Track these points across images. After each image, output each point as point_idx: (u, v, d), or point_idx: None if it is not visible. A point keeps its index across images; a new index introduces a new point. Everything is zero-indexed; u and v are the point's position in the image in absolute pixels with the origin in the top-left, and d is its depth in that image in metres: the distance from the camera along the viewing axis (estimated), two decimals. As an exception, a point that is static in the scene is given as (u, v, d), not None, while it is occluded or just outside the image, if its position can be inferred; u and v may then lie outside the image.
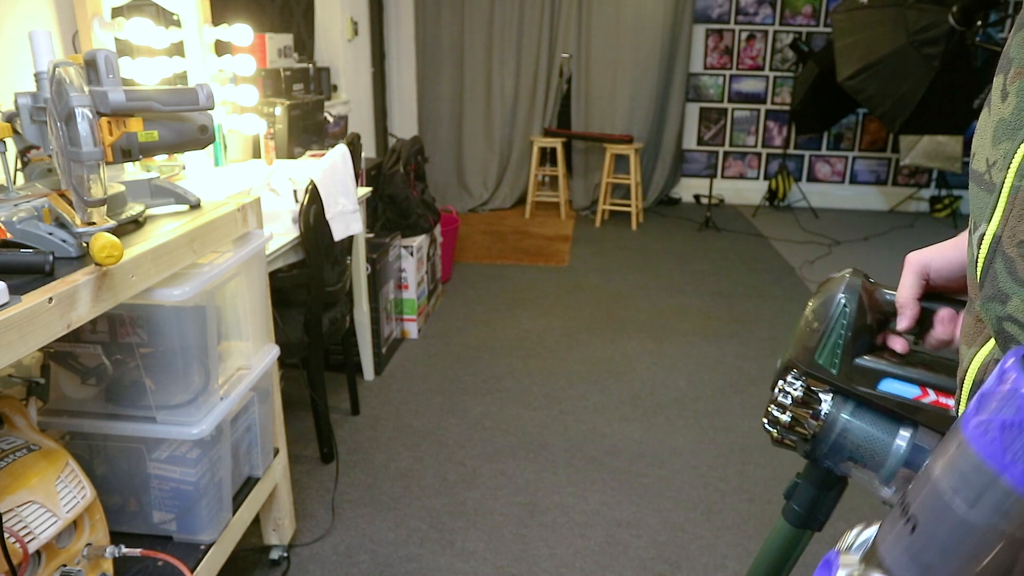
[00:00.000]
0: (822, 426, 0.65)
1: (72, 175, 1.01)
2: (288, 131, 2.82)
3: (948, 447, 0.37)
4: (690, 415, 2.64)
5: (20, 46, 1.74)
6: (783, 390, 0.66)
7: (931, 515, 0.37)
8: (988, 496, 0.34)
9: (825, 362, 0.64)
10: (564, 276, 4.23)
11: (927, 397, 0.62)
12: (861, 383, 0.64)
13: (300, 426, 2.51)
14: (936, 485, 0.36)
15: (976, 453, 0.34)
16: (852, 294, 0.65)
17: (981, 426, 0.35)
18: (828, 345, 0.64)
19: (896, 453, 0.62)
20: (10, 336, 0.86)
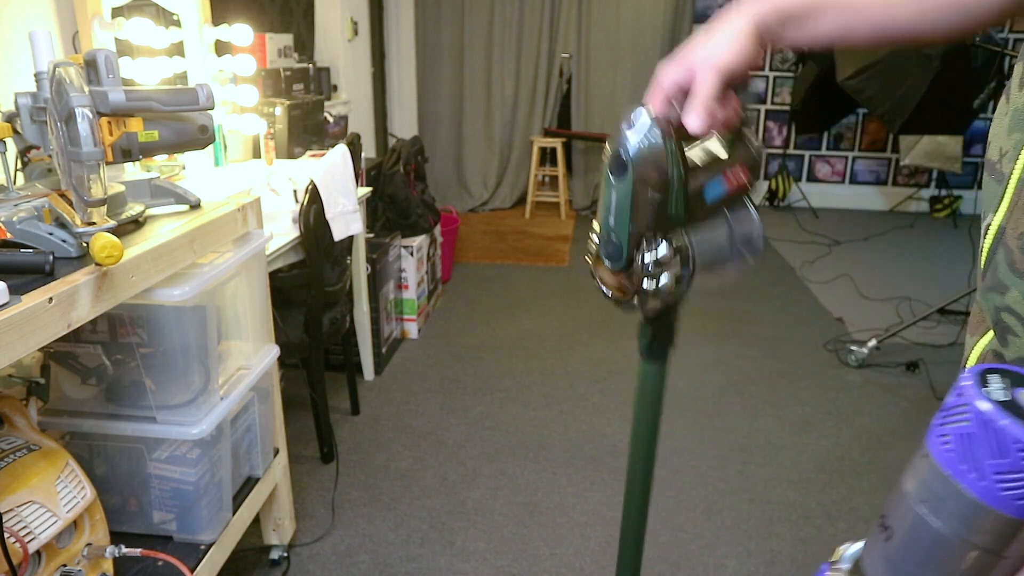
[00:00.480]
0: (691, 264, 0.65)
1: (72, 175, 1.01)
2: (288, 131, 2.82)
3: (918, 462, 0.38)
4: (690, 415, 2.64)
5: (20, 46, 1.74)
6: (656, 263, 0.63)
7: (904, 525, 0.38)
8: (950, 504, 0.35)
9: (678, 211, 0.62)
10: (564, 276, 4.23)
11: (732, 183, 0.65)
12: (699, 207, 0.64)
13: (300, 426, 2.51)
14: (906, 496, 0.38)
15: (937, 463, 0.36)
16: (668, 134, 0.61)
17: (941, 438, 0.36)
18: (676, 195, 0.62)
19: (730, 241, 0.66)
20: (10, 336, 0.86)
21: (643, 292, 0.65)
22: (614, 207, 0.63)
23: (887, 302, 3.80)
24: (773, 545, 1.96)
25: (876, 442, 2.48)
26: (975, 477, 0.34)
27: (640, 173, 0.60)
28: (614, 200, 0.63)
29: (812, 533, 2.01)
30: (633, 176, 0.61)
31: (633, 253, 0.64)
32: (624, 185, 0.61)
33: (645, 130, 0.61)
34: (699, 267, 0.65)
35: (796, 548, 1.95)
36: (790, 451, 2.41)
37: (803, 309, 3.72)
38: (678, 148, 0.60)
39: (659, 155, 0.60)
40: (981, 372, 0.37)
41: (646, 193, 0.61)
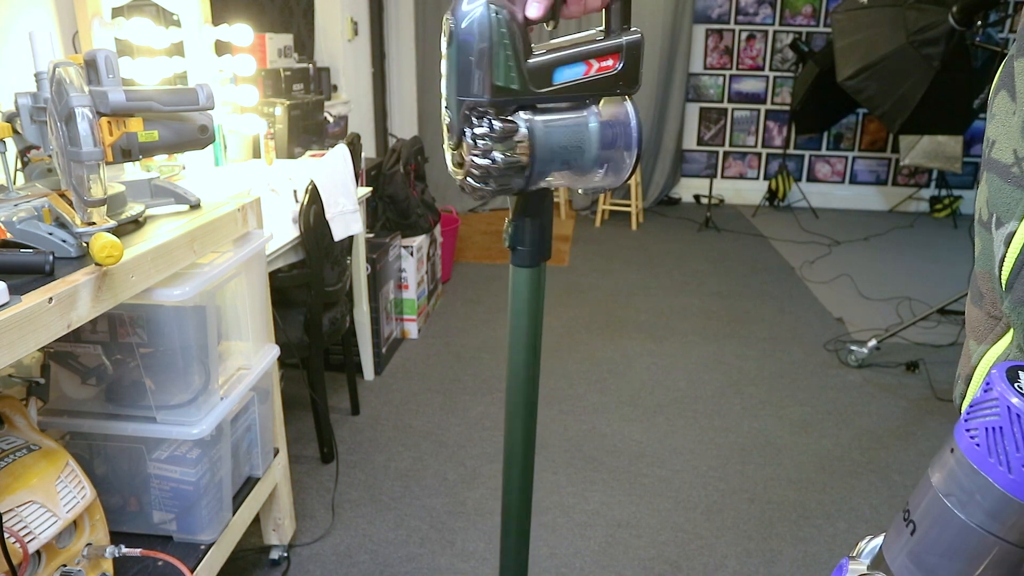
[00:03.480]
0: (531, 148, 0.62)
1: (72, 175, 1.01)
2: (288, 131, 2.82)
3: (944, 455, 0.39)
4: (690, 415, 2.64)
5: (20, 46, 1.74)
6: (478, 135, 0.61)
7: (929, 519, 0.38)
8: (978, 498, 0.36)
9: (506, 81, 0.60)
10: (564, 276, 4.23)
11: (592, 69, 0.63)
12: (541, 85, 0.61)
13: (300, 426, 2.51)
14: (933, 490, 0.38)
15: (965, 457, 0.36)
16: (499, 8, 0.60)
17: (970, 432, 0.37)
18: (502, 64, 0.60)
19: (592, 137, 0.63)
20: (10, 336, 0.86)
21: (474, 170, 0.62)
22: (445, 77, 0.62)
23: (887, 302, 3.80)
24: (773, 545, 1.96)
25: (876, 442, 2.48)
26: (1004, 471, 0.35)
27: (464, 41, 0.59)
28: (444, 69, 0.62)
29: (812, 533, 2.01)
30: (457, 42, 0.60)
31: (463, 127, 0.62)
32: (451, 51, 0.60)
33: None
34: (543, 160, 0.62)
35: (796, 548, 1.95)
36: (790, 451, 2.41)
37: (803, 309, 3.72)
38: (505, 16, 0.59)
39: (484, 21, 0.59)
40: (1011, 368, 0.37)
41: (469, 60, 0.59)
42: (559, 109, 0.63)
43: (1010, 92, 0.47)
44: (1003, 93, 0.48)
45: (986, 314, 0.51)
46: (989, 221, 0.48)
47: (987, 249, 0.49)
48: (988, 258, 0.49)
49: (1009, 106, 0.47)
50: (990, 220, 0.48)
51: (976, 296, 0.53)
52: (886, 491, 2.21)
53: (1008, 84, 0.47)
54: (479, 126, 0.61)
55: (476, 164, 0.62)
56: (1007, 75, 0.48)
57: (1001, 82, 0.49)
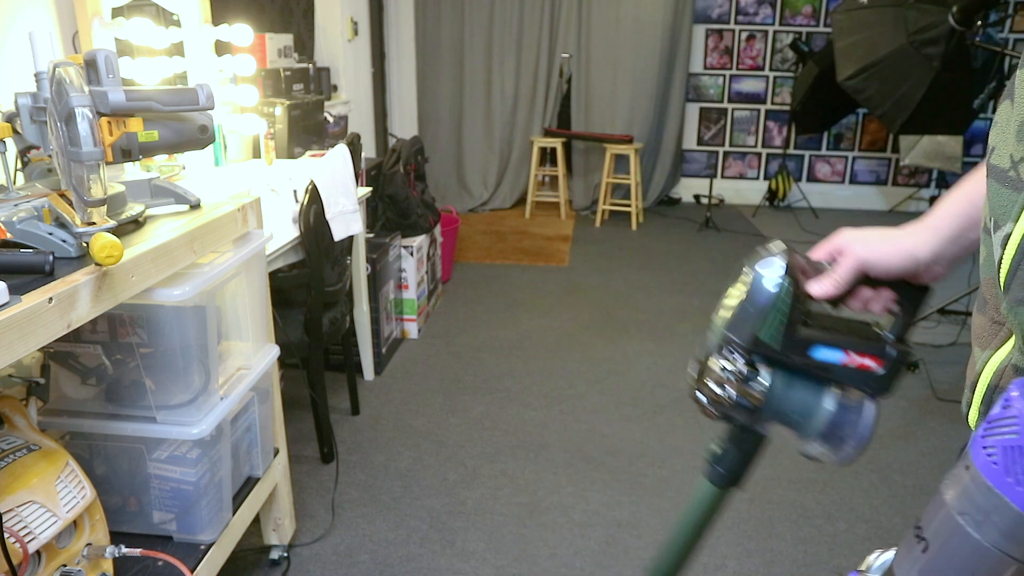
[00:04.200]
0: (763, 398, 0.66)
1: (72, 175, 1.01)
2: (288, 131, 2.82)
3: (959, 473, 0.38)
4: (690, 415, 2.64)
5: (20, 46, 1.74)
6: (723, 367, 0.67)
7: (942, 537, 0.37)
8: (993, 517, 0.35)
9: (768, 338, 0.66)
10: (564, 276, 4.23)
11: (851, 360, 0.66)
12: (796, 352, 0.66)
13: (300, 426, 2.51)
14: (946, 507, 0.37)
15: (982, 475, 0.36)
16: (792, 274, 0.66)
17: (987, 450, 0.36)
18: (770, 323, 0.65)
19: (824, 414, 0.66)
20: (10, 336, 0.86)
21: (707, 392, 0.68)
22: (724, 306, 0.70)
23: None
24: (773, 545, 1.96)
25: (876, 442, 2.48)
26: (1021, 491, 0.34)
27: (752, 292, 0.67)
28: (725, 299, 0.70)
29: (812, 533, 2.01)
30: (747, 287, 0.67)
31: (716, 351, 0.68)
32: (737, 291, 0.68)
33: (775, 255, 0.67)
34: (770, 412, 0.67)
35: (796, 548, 1.95)
36: (790, 451, 2.41)
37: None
38: (792, 287, 0.65)
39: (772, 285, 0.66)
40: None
41: (747, 307, 0.66)
42: (804, 376, 0.68)
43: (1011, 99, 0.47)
44: (1007, 102, 0.48)
45: (989, 320, 0.51)
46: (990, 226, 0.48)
47: (989, 255, 0.49)
48: (990, 264, 0.49)
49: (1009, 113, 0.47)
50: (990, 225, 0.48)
51: (981, 303, 0.53)
52: (886, 491, 2.21)
53: (1011, 92, 0.48)
54: (727, 360, 0.67)
55: (711, 389, 0.68)
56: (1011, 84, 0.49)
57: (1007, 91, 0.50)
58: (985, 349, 0.52)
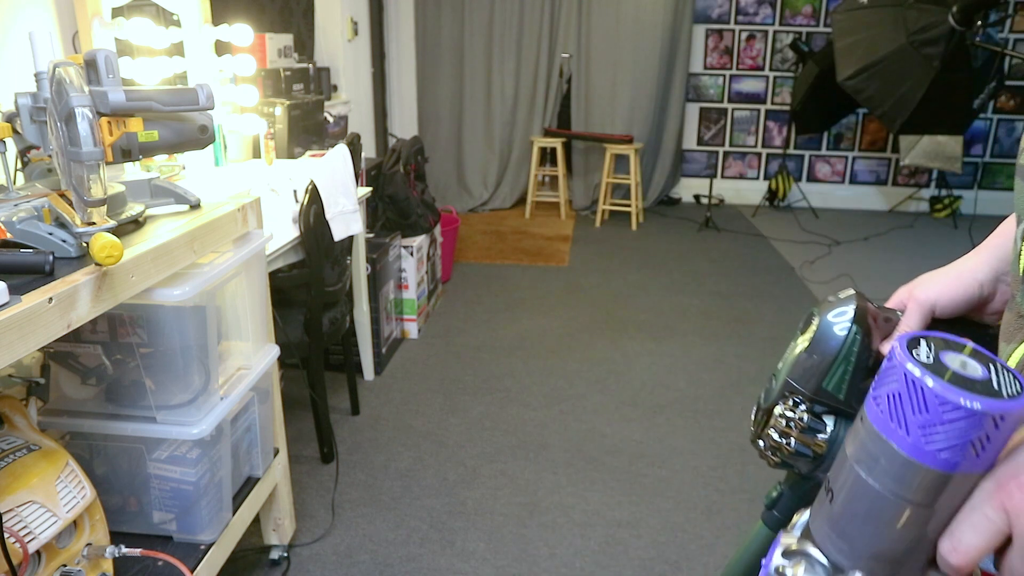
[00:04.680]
0: (826, 448, 0.66)
1: (72, 175, 1.01)
2: (288, 131, 2.82)
3: (856, 426, 0.40)
4: (690, 415, 2.64)
5: (20, 46, 1.74)
6: (785, 416, 0.66)
7: (845, 487, 0.40)
8: (883, 462, 0.38)
9: (833, 389, 0.65)
10: (564, 276, 4.23)
11: None
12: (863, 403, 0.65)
13: (300, 426, 2.51)
14: (846, 459, 0.40)
15: (871, 424, 0.38)
16: (861, 324, 0.65)
17: (875, 399, 0.38)
18: (838, 373, 0.65)
19: None
20: (10, 336, 0.86)
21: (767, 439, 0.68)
22: (787, 353, 0.69)
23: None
24: (773, 545, 1.96)
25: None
26: (903, 434, 0.36)
27: (818, 340, 0.66)
28: (789, 347, 0.69)
29: (812, 533, 2.01)
30: (811, 336, 0.67)
31: (778, 400, 0.67)
32: (801, 340, 0.68)
33: (845, 306, 0.66)
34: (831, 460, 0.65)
35: (796, 548, 1.95)
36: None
37: (803, 309, 3.72)
38: (863, 338, 0.64)
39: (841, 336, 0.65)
40: (912, 338, 0.40)
41: (814, 355, 0.65)
42: None
43: None
44: None
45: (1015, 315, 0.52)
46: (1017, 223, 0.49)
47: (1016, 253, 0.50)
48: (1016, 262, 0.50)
49: None
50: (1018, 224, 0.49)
51: (1011, 300, 0.54)
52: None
53: None
54: (789, 409, 0.66)
55: (771, 436, 0.67)
56: None
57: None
58: (1009, 343, 0.53)
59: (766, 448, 0.68)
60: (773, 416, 0.67)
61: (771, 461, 0.69)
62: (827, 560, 0.41)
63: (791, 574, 0.42)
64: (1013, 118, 5.88)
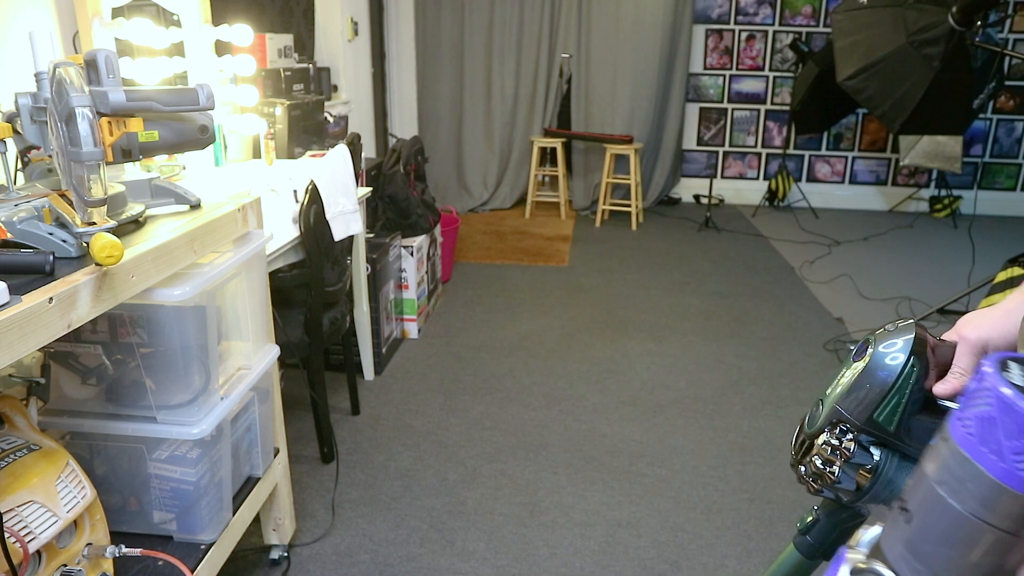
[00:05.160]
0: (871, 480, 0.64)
1: (72, 175, 1.01)
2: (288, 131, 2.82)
3: (938, 444, 0.39)
4: (690, 415, 2.64)
5: (20, 46, 1.74)
6: (830, 444, 0.64)
7: (923, 508, 0.39)
8: (969, 486, 0.36)
9: (884, 421, 0.63)
10: (564, 276, 4.23)
11: None
12: (915, 440, 0.63)
13: (300, 426, 2.51)
14: (926, 479, 0.39)
15: (959, 447, 0.37)
16: (920, 356, 0.63)
17: (962, 421, 0.37)
18: (890, 405, 0.63)
19: None
20: (10, 336, 0.86)
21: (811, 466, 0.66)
22: (836, 379, 0.67)
23: (887, 302, 3.80)
24: (773, 545, 1.96)
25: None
26: (995, 459, 0.35)
27: (873, 367, 0.63)
28: (840, 375, 0.67)
29: (812, 533, 2.01)
30: (865, 365, 0.64)
31: (824, 427, 0.65)
32: (858, 367, 0.65)
33: (902, 337, 0.64)
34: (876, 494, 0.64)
35: (796, 548, 1.95)
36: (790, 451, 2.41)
37: (803, 309, 3.72)
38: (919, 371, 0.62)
39: (898, 367, 0.62)
40: (1002, 360, 0.38)
41: (866, 385, 0.63)
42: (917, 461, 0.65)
43: None
44: None
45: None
46: None
47: None
48: None
49: None
50: None
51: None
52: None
53: None
54: (836, 437, 0.64)
55: (815, 464, 0.65)
56: None
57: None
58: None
59: (807, 474, 0.66)
60: (817, 444, 0.65)
61: (811, 488, 0.67)
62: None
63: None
64: (1013, 118, 5.88)
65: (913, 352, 0.62)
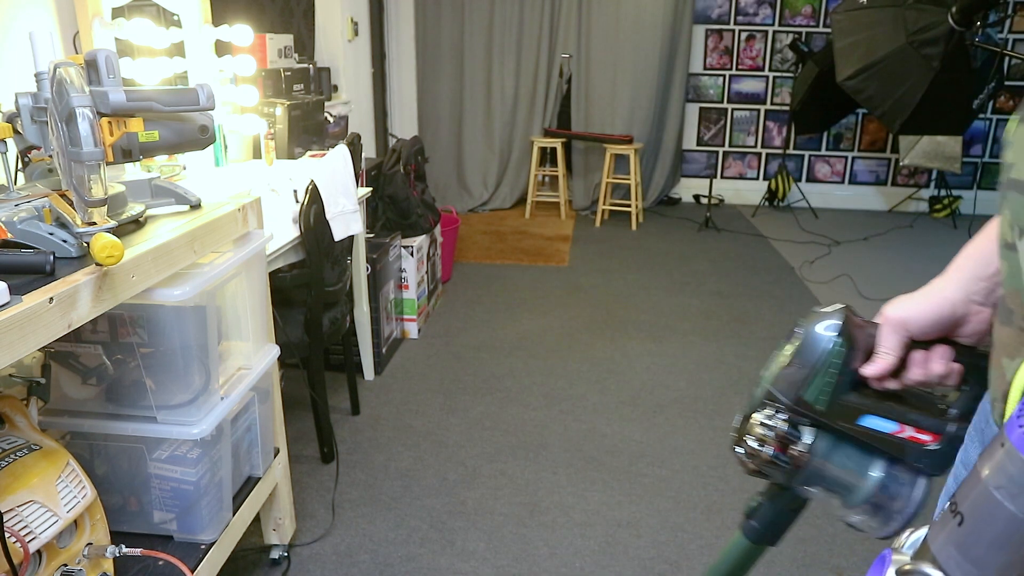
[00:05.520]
0: (803, 460, 0.66)
1: (73, 175, 1.01)
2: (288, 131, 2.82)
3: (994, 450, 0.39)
4: (690, 415, 2.64)
5: (20, 46, 1.74)
6: (764, 423, 0.66)
7: (977, 510, 0.39)
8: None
9: (812, 399, 0.65)
10: (564, 276, 4.23)
11: (904, 432, 0.64)
12: (844, 418, 0.65)
13: (300, 426, 2.51)
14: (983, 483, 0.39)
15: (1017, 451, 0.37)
16: (845, 335, 0.65)
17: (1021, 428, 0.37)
18: (817, 383, 0.65)
19: (868, 485, 0.65)
20: (11, 336, 0.86)
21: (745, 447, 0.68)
22: (771, 360, 0.69)
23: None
24: (773, 545, 1.96)
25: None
26: None
27: (801, 349, 0.66)
28: (773, 356, 0.70)
29: (812, 533, 2.01)
30: (795, 345, 0.67)
31: (758, 407, 0.68)
32: (789, 350, 0.68)
33: (830, 318, 0.66)
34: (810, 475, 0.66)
35: (796, 548, 1.95)
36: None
37: (803, 309, 3.71)
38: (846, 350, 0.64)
39: (823, 346, 0.65)
40: None
41: (795, 364, 0.66)
42: (852, 443, 0.66)
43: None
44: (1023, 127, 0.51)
45: (1018, 329, 0.52)
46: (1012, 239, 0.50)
47: (1014, 268, 0.50)
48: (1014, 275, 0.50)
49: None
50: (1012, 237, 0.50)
51: (1005, 315, 0.54)
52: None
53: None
54: (768, 418, 0.66)
55: (749, 444, 0.67)
56: None
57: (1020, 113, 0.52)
58: (1014, 359, 0.53)
59: (745, 454, 0.68)
60: (752, 424, 0.67)
61: (747, 468, 0.69)
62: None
63: None
64: (1013, 118, 5.88)
65: (840, 332, 0.65)
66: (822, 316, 0.67)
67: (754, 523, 0.74)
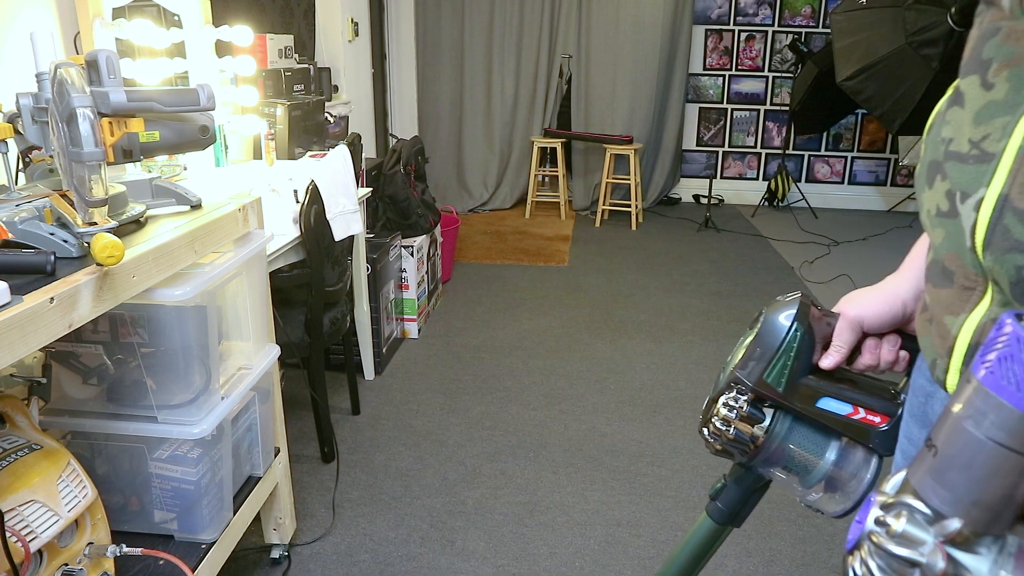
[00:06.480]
0: (764, 439, 0.69)
1: (73, 175, 1.01)
2: (289, 132, 2.82)
3: (962, 386, 0.44)
4: (690, 415, 2.64)
5: (21, 46, 1.74)
6: (728, 405, 0.70)
7: (948, 440, 0.44)
8: (991, 416, 0.41)
9: (773, 381, 0.69)
10: (564, 276, 4.23)
11: (857, 414, 0.69)
12: (802, 401, 0.69)
13: (301, 425, 2.51)
14: (953, 417, 0.44)
15: (981, 383, 0.42)
16: (803, 321, 0.69)
17: (985, 364, 0.42)
18: (777, 367, 0.69)
19: (824, 464, 0.69)
20: (12, 336, 0.86)
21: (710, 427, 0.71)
22: (736, 347, 0.73)
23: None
24: (773, 544, 1.97)
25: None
26: (1013, 390, 0.40)
27: (762, 333, 0.71)
28: (739, 343, 0.74)
29: (811, 532, 2.01)
30: (756, 331, 0.71)
31: (723, 390, 0.71)
32: (748, 335, 0.72)
33: (789, 306, 0.71)
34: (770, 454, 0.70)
35: (796, 548, 1.96)
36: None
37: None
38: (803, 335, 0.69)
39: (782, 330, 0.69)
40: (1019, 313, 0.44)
41: (757, 349, 0.70)
42: (810, 425, 0.70)
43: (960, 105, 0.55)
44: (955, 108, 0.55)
45: (959, 288, 0.55)
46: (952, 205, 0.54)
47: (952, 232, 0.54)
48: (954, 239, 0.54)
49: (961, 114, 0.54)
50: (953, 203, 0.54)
51: (941, 279, 0.58)
52: (885, 491, 2.21)
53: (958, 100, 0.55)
54: (732, 399, 0.70)
55: (714, 424, 0.71)
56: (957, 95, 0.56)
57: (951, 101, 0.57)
58: (958, 315, 0.56)
59: (710, 435, 0.71)
60: (717, 406, 0.71)
61: (712, 448, 0.72)
62: (928, 508, 0.44)
63: (894, 523, 0.45)
64: (1012, 118, 5.87)
65: (797, 318, 0.69)
66: (782, 304, 0.71)
67: (719, 504, 0.78)
